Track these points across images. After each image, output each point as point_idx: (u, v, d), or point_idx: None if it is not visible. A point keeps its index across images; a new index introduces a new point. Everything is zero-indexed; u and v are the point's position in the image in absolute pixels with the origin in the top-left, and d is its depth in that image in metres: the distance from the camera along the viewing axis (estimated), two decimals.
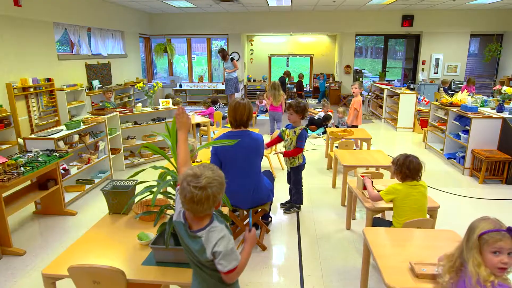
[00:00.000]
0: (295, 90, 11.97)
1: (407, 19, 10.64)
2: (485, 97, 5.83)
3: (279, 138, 3.98)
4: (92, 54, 8.08)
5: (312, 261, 3.05)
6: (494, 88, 5.60)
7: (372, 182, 3.05)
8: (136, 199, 2.21)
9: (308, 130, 7.42)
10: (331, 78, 12.21)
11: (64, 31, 7.24)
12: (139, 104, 5.57)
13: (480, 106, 5.75)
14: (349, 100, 11.39)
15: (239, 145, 2.94)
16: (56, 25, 6.85)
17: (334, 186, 4.66)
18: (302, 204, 4.02)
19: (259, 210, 3.14)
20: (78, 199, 4.32)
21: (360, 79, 11.52)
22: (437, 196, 4.41)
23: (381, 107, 8.99)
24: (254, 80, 12.07)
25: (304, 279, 2.81)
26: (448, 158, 5.59)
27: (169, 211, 2.11)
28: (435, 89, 10.40)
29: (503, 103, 5.20)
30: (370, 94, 10.24)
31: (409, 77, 11.78)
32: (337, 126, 7.05)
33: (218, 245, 1.47)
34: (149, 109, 5.56)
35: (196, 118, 6.50)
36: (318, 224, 3.71)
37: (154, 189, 1.93)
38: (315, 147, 6.63)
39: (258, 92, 9.96)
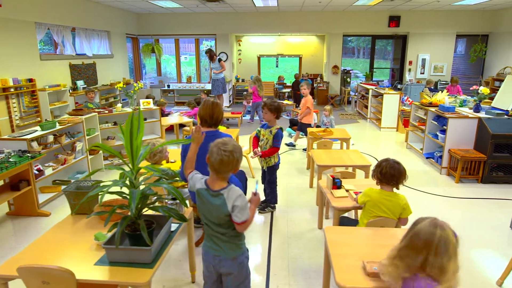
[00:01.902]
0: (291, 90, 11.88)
1: (394, 20, 10.72)
2: (462, 97, 5.89)
3: (258, 139, 3.99)
4: (76, 54, 8.04)
5: (280, 260, 3.07)
6: (471, 89, 5.66)
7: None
8: (101, 199, 2.21)
9: (292, 130, 7.45)
10: (319, 78, 12.24)
11: (47, 31, 7.20)
12: (119, 105, 5.56)
13: (459, 106, 5.81)
14: (336, 100, 11.46)
15: (208, 145, 2.97)
16: (38, 25, 6.81)
17: (311, 186, 4.68)
18: (277, 203, 4.04)
19: None
20: (53, 199, 4.30)
21: (348, 79, 11.58)
22: (414, 196, 4.46)
23: (366, 107, 9.05)
24: (243, 80, 12.08)
25: (270, 278, 2.82)
26: (427, 158, 5.65)
27: (132, 211, 2.12)
28: (422, 89, 10.46)
29: (480, 103, 5.25)
30: (356, 94, 10.29)
31: (397, 77, 11.85)
32: (318, 126, 7.07)
33: (236, 200, 1.86)
34: (129, 110, 5.55)
35: (174, 119, 6.53)
36: (291, 224, 3.73)
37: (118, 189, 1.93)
38: (297, 147, 6.65)
39: (245, 93, 9.97)
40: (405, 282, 1.65)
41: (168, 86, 11.53)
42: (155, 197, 2.19)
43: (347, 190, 3.15)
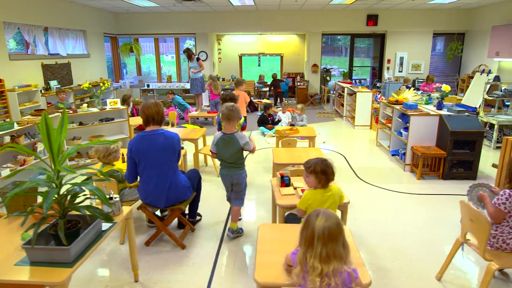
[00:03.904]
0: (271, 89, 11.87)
1: (372, 19, 10.80)
2: (426, 95, 5.96)
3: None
4: (49, 54, 7.97)
5: (227, 258, 3.09)
6: (434, 86, 5.73)
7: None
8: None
9: (265, 129, 7.48)
10: (298, 77, 12.28)
11: (17, 30, 7.12)
12: (85, 105, 5.52)
13: (425, 103, 5.89)
14: (316, 99, 11.51)
15: (153, 145, 2.98)
16: (7, 25, 6.73)
17: None
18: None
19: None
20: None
21: (328, 78, 11.64)
22: (377, 194, 4.52)
23: (343, 105, 9.11)
24: (223, 79, 12.07)
25: (213, 276, 2.84)
26: (392, 155, 5.72)
27: (45, 212, 2.11)
28: (399, 87, 10.57)
29: (442, 100, 5.33)
30: (334, 92, 10.36)
31: (377, 76, 11.95)
32: (292, 125, 7.11)
33: (244, 139, 3.21)
34: (95, 110, 5.52)
35: None
36: (247, 222, 3.76)
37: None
38: (270, 145, 6.68)
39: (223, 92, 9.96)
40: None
41: (148, 85, 11.48)
42: (86, 197, 2.20)
43: (295, 188, 3.18)
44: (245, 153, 3.37)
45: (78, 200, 2.17)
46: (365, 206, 4.13)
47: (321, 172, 2.53)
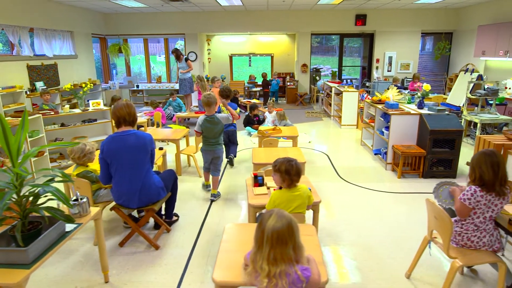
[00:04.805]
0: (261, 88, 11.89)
1: (360, 18, 10.84)
2: (410, 94, 6.00)
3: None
4: (35, 55, 7.93)
5: (201, 258, 3.10)
6: (415, 85, 5.77)
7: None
8: None
9: (251, 129, 7.48)
10: (288, 77, 12.30)
11: (2, 32, 7.09)
12: (67, 106, 5.51)
13: (407, 103, 5.93)
14: (306, 98, 11.53)
15: (125, 145, 2.98)
16: None
17: None
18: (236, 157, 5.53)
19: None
20: None
21: (317, 77, 11.67)
22: (358, 193, 4.54)
23: (331, 105, 9.13)
24: (208, 80, 12.05)
25: (184, 276, 2.85)
26: (375, 154, 5.74)
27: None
28: (387, 87, 10.61)
29: (423, 99, 5.36)
30: (323, 92, 10.39)
31: (366, 75, 12.00)
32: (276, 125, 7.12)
33: (223, 116, 4.14)
34: (77, 111, 5.50)
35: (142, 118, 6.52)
36: (224, 221, 3.76)
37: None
38: (255, 145, 6.68)
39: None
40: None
41: (137, 86, 11.46)
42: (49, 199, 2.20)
43: (268, 188, 3.19)
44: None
45: (42, 201, 2.17)
46: (343, 205, 4.15)
47: (285, 172, 2.54)
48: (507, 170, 2.44)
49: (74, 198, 2.47)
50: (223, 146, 4.36)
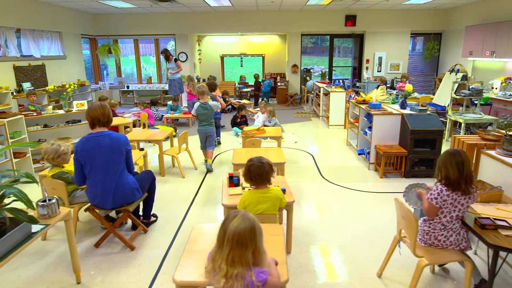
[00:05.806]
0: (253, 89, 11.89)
1: (350, 19, 10.89)
2: (393, 94, 6.03)
3: None
4: (21, 55, 7.90)
5: (174, 259, 3.10)
6: (397, 87, 5.80)
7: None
8: None
9: (239, 129, 7.49)
10: (278, 77, 12.32)
11: None
12: (50, 107, 5.49)
13: (392, 103, 5.96)
14: (296, 99, 11.56)
15: (99, 146, 2.98)
16: None
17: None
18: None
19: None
20: None
21: (308, 78, 11.70)
22: (340, 193, 4.56)
23: (320, 105, 9.17)
24: (204, 80, 12.06)
25: (157, 277, 2.85)
26: (359, 154, 5.77)
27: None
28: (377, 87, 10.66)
29: (405, 99, 5.40)
30: (312, 92, 10.42)
31: (357, 75, 12.04)
32: (265, 125, 7.14)
33: (214, 105, 5.23)
34: (60, 111, 5.49)
35: (119, 120, 6.48)
36: (203, 222, 3.76)
37: None
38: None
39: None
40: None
41: (128, 87, 11.44)
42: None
43: (243, 188, 3.20)
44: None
45: (8, 201, 2.17)
46: (323, 205, 4.17)
47: (254, 172, 2.55)
48: (472, 169, 2.46)
49: (43, 199, 2.47)
50: (215, 127, 5.36)
